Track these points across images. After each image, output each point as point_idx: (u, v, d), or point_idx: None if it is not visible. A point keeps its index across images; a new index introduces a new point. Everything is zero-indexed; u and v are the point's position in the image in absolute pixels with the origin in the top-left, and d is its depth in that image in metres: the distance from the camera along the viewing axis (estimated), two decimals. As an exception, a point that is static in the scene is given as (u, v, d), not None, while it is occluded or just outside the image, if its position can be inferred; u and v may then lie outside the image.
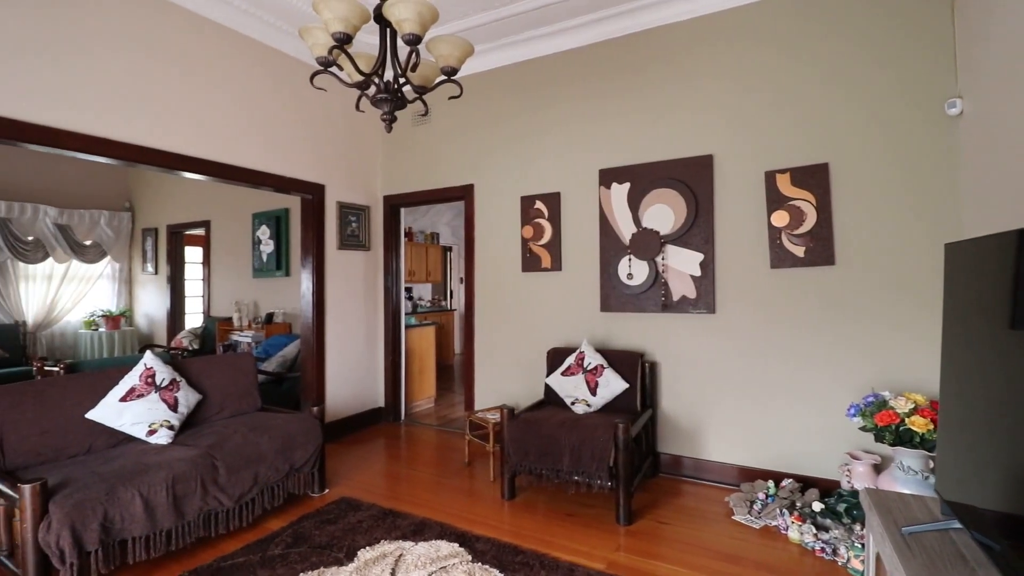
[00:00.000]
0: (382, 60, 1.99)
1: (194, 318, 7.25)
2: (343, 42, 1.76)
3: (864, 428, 2.48)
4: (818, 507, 2.66)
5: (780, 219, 3.12)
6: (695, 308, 3.41)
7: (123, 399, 2.68)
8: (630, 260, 3.62)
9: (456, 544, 2.51)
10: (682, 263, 3.45)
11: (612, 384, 3.30)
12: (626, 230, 3.64)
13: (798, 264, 3.10)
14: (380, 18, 1.94)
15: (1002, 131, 2.23)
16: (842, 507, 2.60)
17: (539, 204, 4.01)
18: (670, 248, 3.49)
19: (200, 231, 6.83)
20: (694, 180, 3.41)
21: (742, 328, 3.30)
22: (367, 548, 2.47)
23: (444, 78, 2.03)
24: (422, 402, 5.42)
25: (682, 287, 3.45)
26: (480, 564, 2.34)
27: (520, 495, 3.19)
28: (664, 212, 3.50)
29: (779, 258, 3.15)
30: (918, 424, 2.28)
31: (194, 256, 7.34)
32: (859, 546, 2.35)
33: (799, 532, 2.57)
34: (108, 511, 2.12)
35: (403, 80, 2.02)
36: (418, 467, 3.72)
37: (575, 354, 3.49)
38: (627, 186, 3.64)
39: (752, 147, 3.26)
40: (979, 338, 1.26)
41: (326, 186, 4.31)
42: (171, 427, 2.72)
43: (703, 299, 3.39)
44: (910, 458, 2.35)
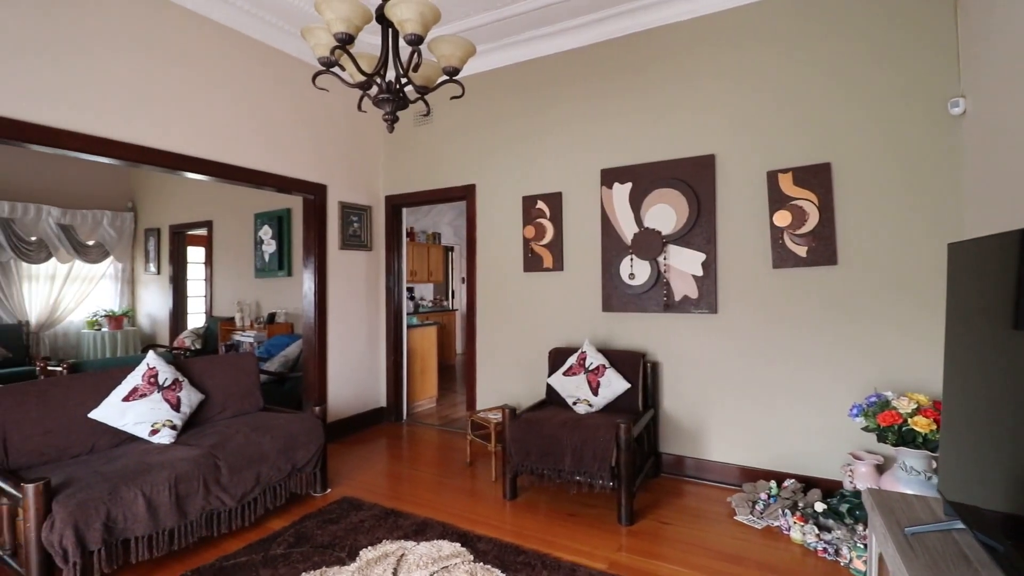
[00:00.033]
0: (384, 60, 1.99)
1: (196, 318, 7.27)
2: (345, 42, 1.76)
3: (867, 428, 2.48)
4: (820, 507, 2.65)
5: (782, 219, 3.11)
6: (697, 308, 3.41)
7: (126, 399, 2.69)
8: (632, 260, 3.62)
9: (458, 544, 2.51)
10: (684, 263, 3.45)
11: (614, 384, 3.30)
12: (628, 230, 3.64)
13: (800, 264, 3.09)
14: (382, 18, 1.95)
15: (1005, 131, 2.22)
16: (844, 507, 2.59)
17: (541, 204, 4.01)
18: (672, 248, 3.49)
19: (202, 231, 6.85)
20: (696, 180, 3.41)
21: (744, 328, 3.29)
22: (369, 548, 2.47)
23: (446, 78, 2.04)
24: (424, 402, 5.43)
25: (684, 287, 3.45)
26: (482, 564, 2.34)
27: (522, 495, 3.19)
28: (666, 212, 3.50)
29: (781, 258, 3.15)
30: (921, 424, 2.28)
31: (196, 256, 7.37)
32: (862, 547, 2.35)
33: (801, 532, 2.56)
34: (111, 510, 2.12)
35: (405, 80, 2.03)
36: (420, 467, 3.73)
37: (577, 354, 3.49)
38: (629, 186, 3.64)
39: (754, 147, 3.25)
40: (982, 338, 1.26)
41: (328, 186, 4.31)
42: (174, 427, 2.73)
43: (705, 299, 3.38)
44: (913, 458, 2.35)
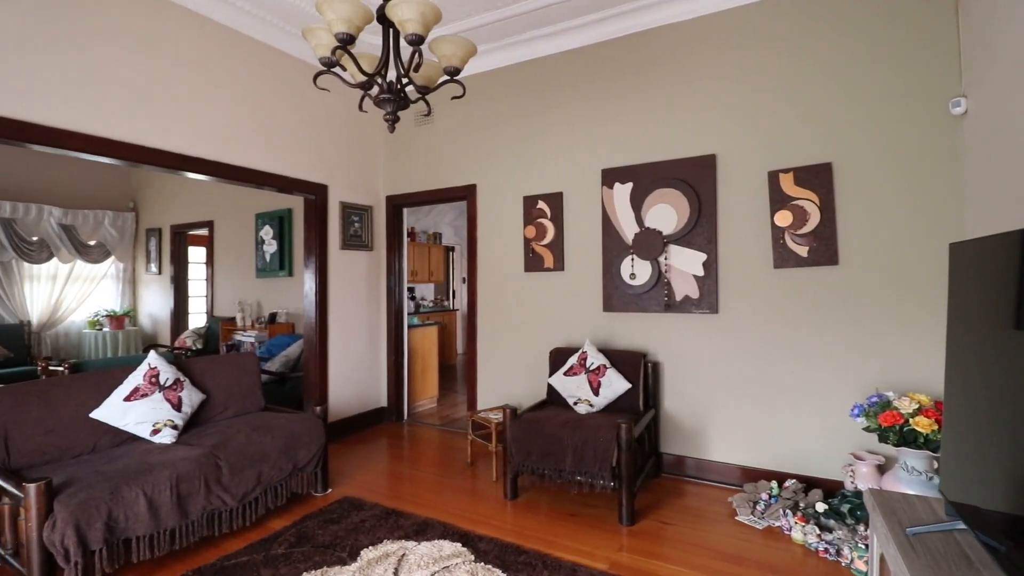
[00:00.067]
0: (385, 60, 1.99)
1: (197, 318, 7.28)
2: (346, 43, 1.76)
3: (868, 428, 2.47)
4: (822, 508, 2.65)
5: (783, 219, 3.11)
6: (698, 308, 3.40)
7: (127, 399, 2.69)
8: (633, 260, 3.62)
9: (459, 544, 2.51)
10: (685, 263, 3.45)
11: (615, 384, 3.30)
12: (629, 230, 3.64)
13: (801, 264, 3.09)
14: (383, 18, 1.95)
15: (1006, 130, 2.22)
16: (846, 508, 2.59)
17: (542, 204, 4.01)
18: (673, 248, 3.49)
19: (203, 231, 6.86)
20: (697, 180, 3.40)
21: (745, 328, 3.29)
22: (370, 548, 2.47)
23: (447, 78, 2.03)
24: (425, 402, 5.43)
25: (685, 287, 3.45)
26: (483, 564, 2.34)
27: (523, 495, 3.19)
28: (667, 212, 3.50)
29: (782, 258, 3.14)
30: (922, 424, 2.28)
31: (197, 256, 7.37)
32: (863, 547, 2.34)
33: (802, 533, 2.56)
34: (112, 510, 2.13)
35: (406, 80, 2.02)
36: (421, 467, 3.73)
37: (578, 354, 3.49)
38: (630, 186, 3.64)
39: (755, 147, 3.25)
40: (984, 338, 1.26)
41: (329, 186, 4.32)
42: (175, 427, 2.73)
43: (706, 299, 3.38)
44: (914, 459, 2.34)
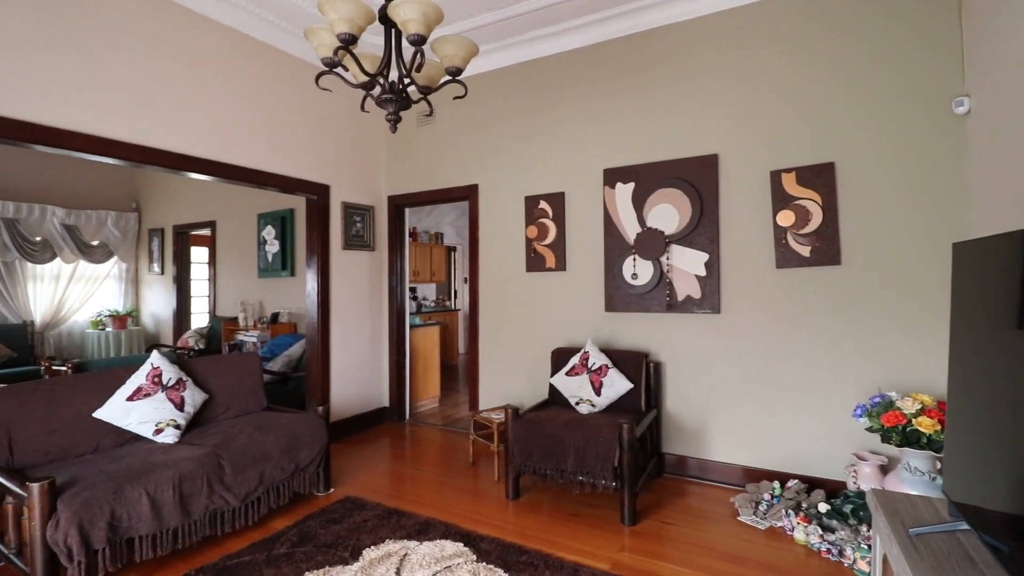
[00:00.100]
0: (387, 60, 1.99)
1: (200, 318, 7.30)
2: (348, 43, 1.77)
3: (870, 429, 2.47)
4: (824, 508, 2.65)
5: (786, 219, 3.11)
6: (700, 308, 3.40)
7: (130, 398, 2.70)
8: (635, 260, 3.61)
9: (460, 544, 2.51)
10: (687, 263, 3.44)
11: (617, 384, 3.29)
12: (631, 230, 3.63)
13: (804, 264, 3.09)
14: (385, 19, 1.95)
15: (1010, 130, 2.21)
16: (848, 508, 2.59)
17: (543, 204, 4.01)
18: (675, 248, 3.49)
19: (206, 231, 6.88)
20: (699, 180, 3.40)
21: (747, 328, 3.29)
22: (372, 547, 2.48)
23: (449, 78, 2.04)
24: (426, 402, 5.43)
25: (687, 287, 3.44)
26: (484, 564, 2.34)
27: (524, 495, 3.19)
28: (669, 212, 3.50)
29: (785, 258, 3.14)
30: (925, 425, 2.27)
31: (200, 256, 7.39)
32: (865, 547, 2.34)
33: (805, 533, 2.55)
34: (115, 510, 2.13)
35: (408, 80, 2.03)
36: (423, 467, 3.73)
37: (579, 354, 3.49)
38: (631, 186, 3.63)
39: (757, 146, 3.25)
40: (987, 338, 1.26)
41: (331, 186, 4.32)
42: (177, 426, 2.74)
43: (708, 299, 3.38)
44: (917, 459, 2.34)
